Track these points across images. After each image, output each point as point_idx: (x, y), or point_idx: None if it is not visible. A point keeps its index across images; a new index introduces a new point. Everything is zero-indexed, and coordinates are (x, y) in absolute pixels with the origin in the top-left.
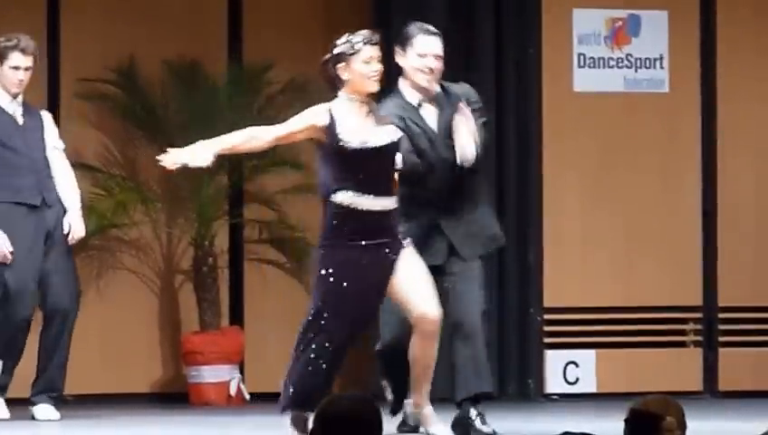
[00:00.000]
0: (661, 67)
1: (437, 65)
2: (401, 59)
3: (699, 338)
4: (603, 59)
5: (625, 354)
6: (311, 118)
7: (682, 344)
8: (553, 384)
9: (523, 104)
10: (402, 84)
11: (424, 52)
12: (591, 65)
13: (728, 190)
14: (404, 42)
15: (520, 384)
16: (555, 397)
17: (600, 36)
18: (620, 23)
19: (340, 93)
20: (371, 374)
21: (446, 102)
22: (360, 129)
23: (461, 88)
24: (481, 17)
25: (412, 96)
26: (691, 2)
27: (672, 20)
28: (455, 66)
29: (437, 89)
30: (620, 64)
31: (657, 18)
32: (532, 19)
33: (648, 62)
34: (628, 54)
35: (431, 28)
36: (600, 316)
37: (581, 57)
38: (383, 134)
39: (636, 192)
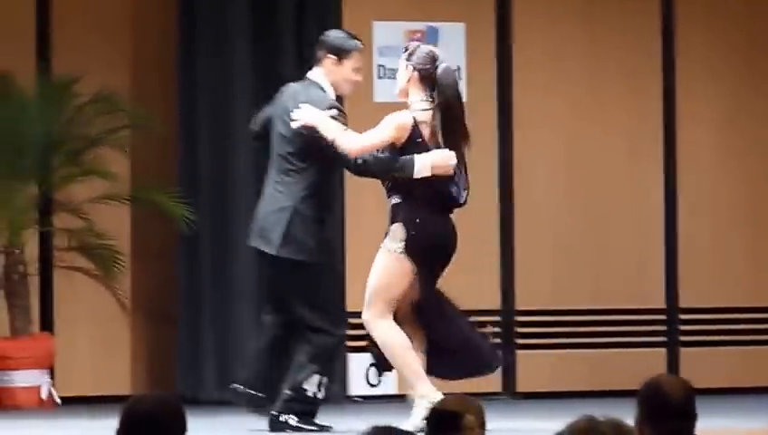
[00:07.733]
0: (459, 78)
1: None
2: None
3: (497, 340)
4: None
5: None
6: None
7: None
8: (356, 386)
9: None
10: None
11: None
12: (391, 76)
13: (522, 202)
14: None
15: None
16: (358, 399)
17: (399, 48)
18: (419, 35)
19: None
20: None
21: None
22: None
23: None
24: (282, 28)
25: None
26: (487, 15)
27: (469, 32)
28: (258, 75)
29: None
30: None
31: (455, 30)
32: None
33: None
34: None
35: None
36: None
37: (381, 69)
38: None
39: None
